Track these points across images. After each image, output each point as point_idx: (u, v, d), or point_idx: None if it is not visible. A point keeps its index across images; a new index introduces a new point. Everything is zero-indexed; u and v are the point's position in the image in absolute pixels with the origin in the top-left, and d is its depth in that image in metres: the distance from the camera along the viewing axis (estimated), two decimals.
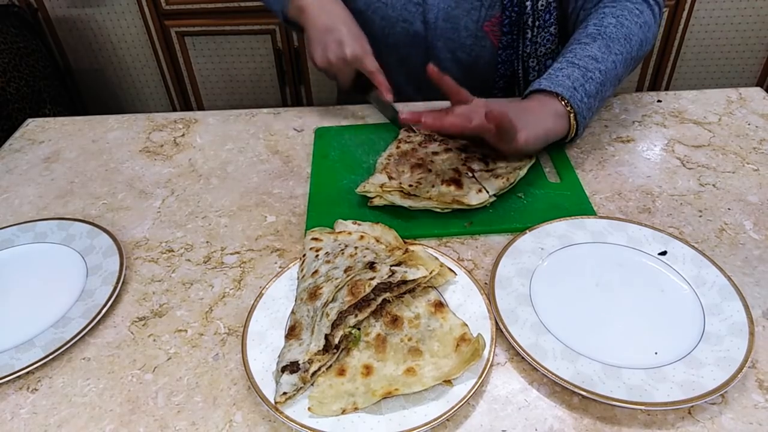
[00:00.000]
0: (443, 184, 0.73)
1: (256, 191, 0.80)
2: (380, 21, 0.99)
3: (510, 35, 0.95)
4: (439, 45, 0.99)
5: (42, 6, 1.93)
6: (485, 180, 0.73)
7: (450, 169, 0.75)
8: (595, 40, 0.81)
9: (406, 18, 0.97)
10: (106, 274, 0.66)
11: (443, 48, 0.99)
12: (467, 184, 0.73)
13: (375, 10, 0.98)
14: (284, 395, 0.51)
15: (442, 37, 0.98)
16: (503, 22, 0.94)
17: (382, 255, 0.62)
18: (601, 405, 0.51)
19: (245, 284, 0.66)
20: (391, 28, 0.99)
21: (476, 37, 0.96)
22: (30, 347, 0.58)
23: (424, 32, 0.98)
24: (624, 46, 0.81)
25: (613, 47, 0.81)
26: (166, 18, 1.91)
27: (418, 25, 0.97)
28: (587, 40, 0.82)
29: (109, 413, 0.53)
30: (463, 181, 0.73)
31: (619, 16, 0.83)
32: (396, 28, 0.99)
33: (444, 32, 0.97)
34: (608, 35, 0.81)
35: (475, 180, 0.73)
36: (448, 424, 0.51)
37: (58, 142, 0.94)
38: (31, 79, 1.72)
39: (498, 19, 0.94)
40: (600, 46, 0.80)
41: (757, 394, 0.52)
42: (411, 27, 0.98)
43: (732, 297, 0.58)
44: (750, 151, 0.82)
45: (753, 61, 2.00)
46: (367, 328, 0.56)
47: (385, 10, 0.97)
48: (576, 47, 0.81)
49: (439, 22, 0.96)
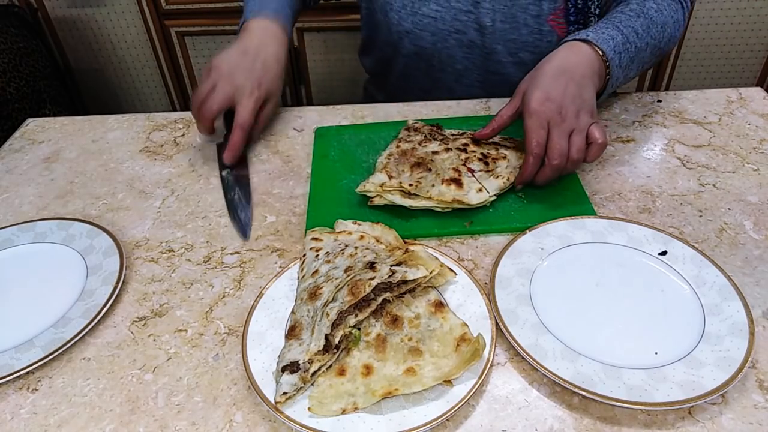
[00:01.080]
0: (443, 184, 0.73)
1: (256, 191, 0.80)
2: (431, 37, 0.96)
3: (577, 24, 0.92)
4: (499, 49, 0.95)
5: (42, 6, 1.93)
6: (485, 179, 0.73)
7: (450, 168, 0.75)
8: (639, 16, 0.80)
9: (459, 29, 0.94)
10: (106, 274, 0.66)
11: (503, 51, 0.96)
12: (467, 184, 0.73)
13: (424, 27, 0.95)
14: (284, 395, 0.51)
15: (502, 40, 0.94)
16: (569, 11, 0.91)
17: (382, 255, 0.62)
18: (601, 405, 0.51)
19: (245, 284, 0.66)
20: (444, 42, 0.96)
21: (540, 33, 0.93)
22: (30, 347, 0.58)
23: (481, 39, 0.95)
24: (659, 33, 0.81)
25: (651, 30, 0.80)
26: (166, 18, 1.91)
27: (472, 33, 0.94)
28: (631, 13, 0.80)
29: (109, 413, 0.53)
30: (463, 180, 0.73)
31: (660, 4, 0.83)
32: (449, 41, 0.96)
33: (503, 34, 0.94)
34: (649, 17, 0.80)
35: (475, 179, 0.73)
36: (448, 424, 0.51)
37: (58, 142, 0.94)
38: (31, 79, 1.72)
39: (562, 9, 0.91)
40: (642, 24, 0.79)
41: (757, 394, 0.52)
42: (465, 37, 0.95)
43: (732, 297, 0.58)
44: (750, 151, 0.82)
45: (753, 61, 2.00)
46: (367, 328, 0.56)
47: (435, 24, 0.95)
48: (620, 15, 0.79)
49: (497, 25, 0.93)
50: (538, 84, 0.72)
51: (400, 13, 0.96)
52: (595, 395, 0.50)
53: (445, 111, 0.94)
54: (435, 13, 0.94)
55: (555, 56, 0.75)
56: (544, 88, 0.71)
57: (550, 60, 0.75)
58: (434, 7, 0.94)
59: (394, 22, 0.96)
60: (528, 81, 0.74)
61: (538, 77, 0.73)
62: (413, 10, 0.95)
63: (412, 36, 0.96)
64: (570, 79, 0.72)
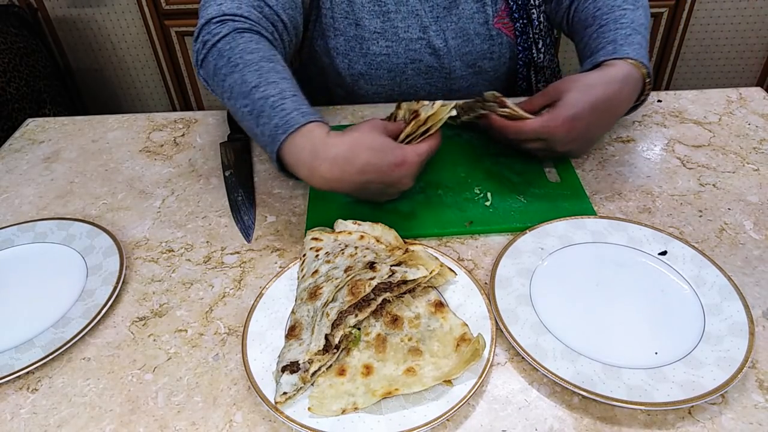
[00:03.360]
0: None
1: (257, 191, 0.80)
2: (387, 74, 0.93)
3: (521, 20, 0.93)
4: (457, 65, 0.94)
5: (42, 6, 1.93)
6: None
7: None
8: (637, 8, 0.79)
9: (414, 58, 0.92)
10: (106, 274, 0.66)
11: (461, 66, 0.95)
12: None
13: (378, 66, 0.93)
14: (284, 395, 0.51)
15: (458, 56, 0.93)
16: (512, 9, 0.92)
17: (382, 255, 0.62)
18: (601, 405, 0.51)
19: (245, 284, 0.66)
20: (401, 75, 0.94)
21: (491, 38, 0.93)
22: (30, 347, 0.58)
23: (438, 62, 0.93)
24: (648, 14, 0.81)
25: (648, 15, 0.80)
26: (166, 18, 1.91)
27: (427, 58, 0.93)
28: (630, 6, 0.79)
29: (109, 413, 0.53)
30: None
31: None
32: (407, 72, 0.94)
33: (458, 49, 0.93)
34: (640, 2, 0.80)
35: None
36: (448, 424, 0.51)
37: (58, 142, 0.94)
38: (31, 79, 1.72)
39: (505, 10, 0.92)
40: (644, 14, 0.79)
41: (757, 394, 0.52)
42: (421, 64, 0.93)
43: (732, 297, 0.58)
44: (750, 151, 0.82)
45: (753, 61, 2.00)
46: (367, 328, 0.56)
47: (389, 61, 0.92)
48: (627, 12, 0.79)
49: (450, 42, 0.92)
50: (578, 108, 0.70)
51: (349, 56, 0.92)
52: (595, 395, 0.50)
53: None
54: (386, 49, 0.91)
55: (611, 83, 0.71)
56: (581, 118, 0.70)
57: (606, 85, 0.71)
58: (384, 44, 0.91)
59: (344, 67, 0.93)
60: (572, 90, 0.71)
61: (583, 101, 0.70)
62: (362, 52, 0.91)
63: (367, 77, 0.93)
64: (612, 116, 0.73)
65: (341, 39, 0.91)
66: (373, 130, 0.66)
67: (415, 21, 0.91)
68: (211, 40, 0.73)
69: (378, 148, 0.64)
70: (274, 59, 0.72)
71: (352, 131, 0.66)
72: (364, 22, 0.90)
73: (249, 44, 0.72)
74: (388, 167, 0.64)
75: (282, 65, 0.72)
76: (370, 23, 0.90)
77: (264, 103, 0.67)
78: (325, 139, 0.64)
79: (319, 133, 0.65)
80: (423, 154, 0.67)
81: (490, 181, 0.77)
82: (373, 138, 0.65)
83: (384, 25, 0.90)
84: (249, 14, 0.75)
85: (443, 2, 0.91)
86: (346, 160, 0.63)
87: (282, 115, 0.65)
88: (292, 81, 0.70)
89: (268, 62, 0.70)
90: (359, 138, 0.64)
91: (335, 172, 0.63)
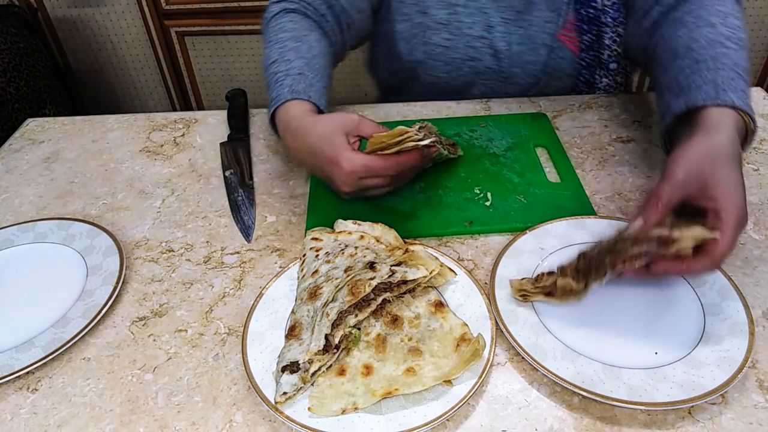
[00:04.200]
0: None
1: (257, 191, 0.80)
2: (444, 67, 0.93)
3: (590, 33, 0.88)
4: (516, 72, 0.92)
5: (42, 6, 1.93)
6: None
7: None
8: (742, 49, 0.70)
9: (473, 56, 0.91)
10: (106, 274, 0.66)
11: (521, 73, 0.93)
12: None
13: (436, 57, 0.92)
14: (284, 395, 0.51)
15: (519, 62, 0.91)
16: (581, 21, 0.87)
17: (382, 255, 0.62)
18: (601, 405, 0.51)
19: (245, 284, 0.66)
20: (458, 71, 0.93)
21: (551, 49, 0.90)
22: (30, 347, 0.58)
23: (496, 64, 0.91)
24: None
25: (748, 59, 0.70)
26: (166, 18, 1.91)
27: (487, 59, 0.91)
28: (733, 45, 0.69)
29: (109, 413, 0.53)
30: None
31: (727, 9, 0.73)
32: (463, 69, 0.92)
33: (520, 56, 0.90)
34: (742, 43, 0.70)
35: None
36: (448, 424, 0.51)
37: (58, 142, 0.94)
38: (31, 79, 1.72)
39: (573, 22, 0.87)
40: (746, 57, 0.70)
41: (757, 394, 0.52)
42: (480, 64, 0.91)
43: (732, 297, 0.58)
44: (750, 151, 0.82)
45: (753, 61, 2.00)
46: (367, 328, 0.56)
47: (447, 54, 0.91)
48: (729, 52, 0.68)
49: (513, 48, 0.90)
50: (734, 189, 0.56)
51: (411, 42, 0.92)
52: (595, 395, 0.50)
53: (445, 111, 0.94)
54: (447, 42, 0.90)
55: (734, 145, 0.60)
56: (740, 195, 0.56)
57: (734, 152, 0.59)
58: (446, 35, 0.90)
59: (405, 53, 0.93)
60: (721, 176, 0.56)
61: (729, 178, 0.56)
62: (424, 40, 0.91)
63: (425, 66, 0.93)
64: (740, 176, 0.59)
65: (406, 24, 0.92)
66: (341, 122, 0.68)
67: (481, 18, 0.90)
68: (267, 17, 0.84)
69: (325, 139, 0.66)
70: (302, 39, 0.78)
71: (325, 116, 0.70)
72: (430, 11, 0.90)
73: (287, 24, 0.80)
74: (324, 160, 0.66)
75: (308, 45, 0.78)
76: (436, 13, 0.90)
77: (272, 78, 0.75)
78: (300, 116, 0.70)
79: (299, 109, 0.71)
80: (358, 166, 0.64)
81: (490, 181, 0.77)
82: (330, 128, 0.67)
83: (449, 17, 0.90)
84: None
85: (517, 5, 0.89)
86: (301, 138, 0.68)
87: (278, 90, 0.73)
88: (310, 61, 0.76)
89: (295, 42, 0.78)
90: (320, 123, 0.68)
91: (292, 145, 0.70)
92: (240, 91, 0.99)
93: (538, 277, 0.60)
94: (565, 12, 0.88)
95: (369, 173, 0.66)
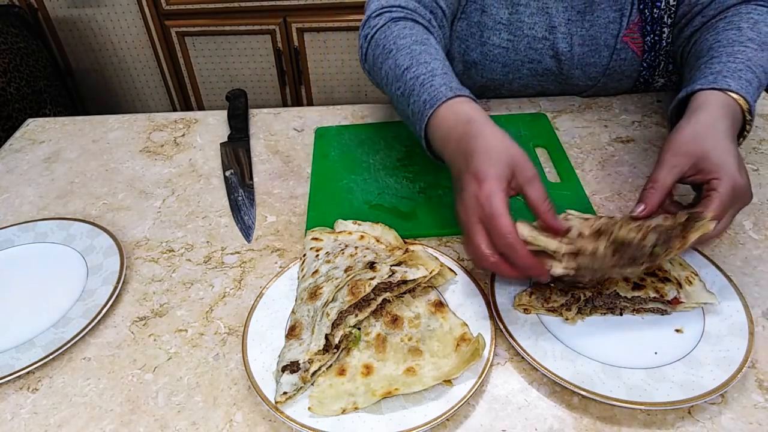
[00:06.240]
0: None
1: (257, 191, 0.80)
2: (501, 69, 0.90)
3: (652, 34, 0.85)
4: (577, 74, 0.89)
5: (42, 6, 1.93)
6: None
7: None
8: (763, 50, 0.68)
9: (533, 58, 0.88)
10: (106, 274, 0.66)
11: (582, 75, 0.90)
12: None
13: (494, 58, 0.88)
14: (284, 395, 0.51)
15: (580, 65, 0.88)
16: (645, 21, 0.84)
17: (382, 255, 0.62)
18: (601, 405, 0.51)
19: (245, 284, 0.66)
20: (516, 73, 0.90)
21: (615, 50, 0.87)
22: (30, 347, 0.58)
23: (557, 67, 0.89)
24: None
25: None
26: (166, 18, 1.91)
27: (547, 61, 0.88)
28: (754, 45, 0.68)
29: (110, 413, 0.53)
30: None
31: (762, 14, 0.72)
32: (522, 71, 0.89)
33: (582, 58, 0.87)
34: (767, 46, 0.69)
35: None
36: (448, 424, 0.51)
37: (58, 142, 0.94)
38: (32, 80, 1.72)
39: (637, 24, 0.85)
40: (765, 57, 0.68)
41: (756, 394, 0.52)
42: (540, 66, 0.89)
43: (732, 297, 0.58)
44: (750, 151, 0.82)
45: None
46: (367, 328, 0.56)
47: (506, 55, 0.88)
48: (746, 50, 0.68)
49: (575, 49, 0.87)
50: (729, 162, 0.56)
51: (467, 42, 0.88)
52: (595, 395, 0.50)
53: None
54: (507, 42, 0.87)
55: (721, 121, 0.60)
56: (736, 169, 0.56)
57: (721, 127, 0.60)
58: (506, 36, 0.87)
59: (459, 52, 0.90)
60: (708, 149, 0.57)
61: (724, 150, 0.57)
62: (482, 40, 0.88)
63: (480, 67, 0.90)
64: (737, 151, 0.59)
65: (464, 23, 0.88)
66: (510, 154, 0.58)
67: (543, 19, 0.86)
68: (370, 33, 0.78)
69: (490, 163, 0.57)
70: (426, 42, 0.73)
71: (503, 136, 0.59)
72: (491, 10, 0.87)
73: (402, 30, 0.75)
74: (468, 185, 0.57)
75: (434, 48, 0.73)
76: (496, 12, 0.87)
77: (414, 83, 0.68)
78: (475, 116, 0.61)
79: (469, 107, 0.63)
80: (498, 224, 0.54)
81: None
82: (496, 157, 0.57)
83: (510, 17, 0.86)
84: (406, 4, 0.79)
85: (579, 5, 0.86)
86: (471, 147, 0.58)
87: (430, 91, 0.65)
88: (444, 62, 0.71)
89: (420, 45, 0.72)
90: (498, 144, 0.58)
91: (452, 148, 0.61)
92: (240, 92, 0.99)
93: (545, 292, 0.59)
94: (630, 12, 0.85)
95: (497, 236, 0.54)
